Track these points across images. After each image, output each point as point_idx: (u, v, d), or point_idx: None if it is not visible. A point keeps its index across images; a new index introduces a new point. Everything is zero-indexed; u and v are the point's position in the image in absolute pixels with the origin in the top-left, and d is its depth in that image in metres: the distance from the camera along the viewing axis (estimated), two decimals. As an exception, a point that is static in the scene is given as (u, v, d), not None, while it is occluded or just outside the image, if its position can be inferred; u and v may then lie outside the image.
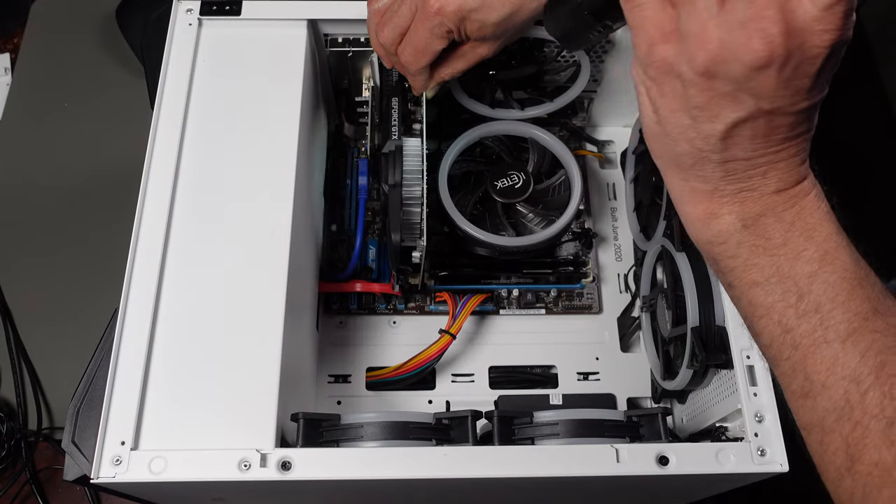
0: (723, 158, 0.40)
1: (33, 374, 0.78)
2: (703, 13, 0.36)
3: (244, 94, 0.60)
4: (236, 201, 0.56)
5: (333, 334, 0.72)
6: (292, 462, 0.48)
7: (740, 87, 0.37)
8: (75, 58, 0.95)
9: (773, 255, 0.41)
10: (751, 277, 0.42)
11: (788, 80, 0.36)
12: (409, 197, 0.61)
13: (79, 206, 0.86)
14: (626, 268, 0.75)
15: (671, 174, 0.43)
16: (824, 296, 0.40)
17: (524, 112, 0.70)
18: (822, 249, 0.40)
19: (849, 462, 0.39)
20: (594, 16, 0.45)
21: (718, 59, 0.36)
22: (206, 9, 0.63)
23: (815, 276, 0.40)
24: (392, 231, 0.60)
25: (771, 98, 0.37)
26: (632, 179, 0.73)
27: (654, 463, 0.49)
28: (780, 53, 0.35)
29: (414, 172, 0.61)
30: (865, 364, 0.38)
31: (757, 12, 0.35)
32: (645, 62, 0.39)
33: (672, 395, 0.65)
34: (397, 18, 0.56)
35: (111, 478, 0.47)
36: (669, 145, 0.41)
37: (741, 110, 0.38)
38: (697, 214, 0.43)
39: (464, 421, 0.51)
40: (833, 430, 0.39)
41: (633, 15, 0.39)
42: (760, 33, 0.35)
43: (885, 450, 0.37)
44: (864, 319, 0.39)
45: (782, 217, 0.41)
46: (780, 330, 0.41)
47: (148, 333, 0.51)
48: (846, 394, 0.38)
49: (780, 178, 0.40)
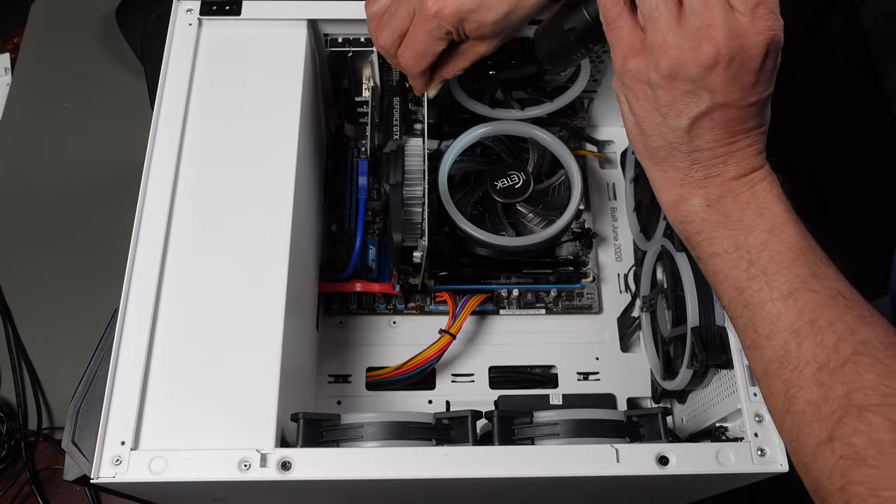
0: (689, 149, 0.48)
1: (33, 374, 0.78)
2: (663, 27, 0.45)
3: (244, 94, 0.60)
4: (236, 201, 0.56)
5: (333, 334, 0.72)
6: (292, 462, 0.48)
7: (697, 85, 0.45)
8: (75, 58, 0.95)
9: (731, 229, 0.48)
10: (713, 249, 0.49)
11: (735, 76, 0.44)
12: (411, 197, 0.61)
13: (79, 205, 0.86)
14: (626, 268, 0.75)
15: (650, 167, 0.51)
16: (770, 262, 0.46)
17: (524, 112, 0.70)
18: (771, 224, 0.47)
19: (787, 403, 0.45)
20: (579, 40, 0.54)
21: (678, 63, 0.45)
22: (206, 9, 0.63)
23: (764, 246, 0.47)
24: (393, 231, 0.60)
25: (723, 93, 0.45)
26: (632, 179, 0.73)
27: (654, 463, 0.49)
28: (724, 54, 0.44)
29: (415, 172, 0.61)
30: (802, 318, 0.45)
31: (705, 22, 0.44)
32: (620, 73, 0.48)
33: (672, 395, 0.65)
34: (395, 21, 0.57)
35: (111, 478, 0.47)
36: (647, 142, 0.50)
37: (700, 105, 0.46)
38: (672, 199, 0.50)
39: (464, 421, 0.51)
40: (776, 375, 0.45)
41: (611, 35, 0.48)
42: (708, 39, 0.44)
43: (816, 389, 0.43)
44: (803, 281, 0.45)
45: (739, 198, 0.48)
46: (734, 292, 0.48)
47: (148, 333, 0.51)
48: (786, 343, 0.45)
49: (738, 165, 0.48)
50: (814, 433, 0.43)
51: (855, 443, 0.41)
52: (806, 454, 0.44)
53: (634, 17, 0.47)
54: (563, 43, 0.55)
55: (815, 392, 0.43)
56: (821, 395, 0.43)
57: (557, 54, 0.57)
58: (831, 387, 0.42)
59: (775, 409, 0.46)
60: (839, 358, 0.43)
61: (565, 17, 0.54)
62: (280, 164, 0.58)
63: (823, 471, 0.42)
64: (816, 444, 0.43)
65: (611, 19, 0.48)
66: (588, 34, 0.53)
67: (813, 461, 0.43)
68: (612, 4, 0.48)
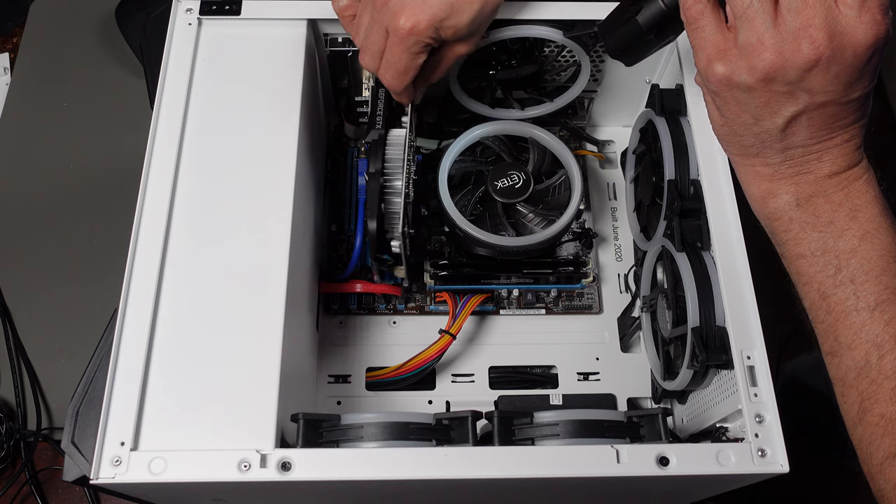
0: (783, 146, 0.46)
1: (33, 375, 0.78)
2: (759, 27, 0.42)
3: (244, 94, 0.60)
4: (236, 201, 0.56)
5: (333, 334, 0.72)
6: (292, 462, 0.48)
7: (795, 86, 0.43)
8: (75, 58, 0.95)
9: (820, 231, 0.46)
10: (798, 250, 0.47)
11: (836, 75, 0.42)
12: (390, 186, 0.61)
13: (79, 205, 0.86)
14: (626, 268, 0.75)
15: (738, 161, 0.50)
16: (859, 270, 0.45)
17: (524, 112, 0.70)
18: (864, 229, 0.45)
19: (861, 413, 0.44)
20: (657, 34, 0.51)
21: (775, 65, 0.42)
22: (205, 8, 0.63)
23: (854, 252, 0.45)
24: (368, 219, 0.60)
25: (823, 92, 0.43)
26: (632, 179, 0.73)
27: (655, 463, 0.49)
28: (826, 55, 0.41)
29: (395, 161, 0.61)
30: (888, 332, 0.44)
31: (805, 21, 0.41)
32: (705, 76, 0.46)
33: (672, 395, 0.65)
34: (371, 45, 0.57)
35: (111, 478, 0.47)
36: (737, 140, 0.48)
37: (798, 104, 0.44)
38: (759, 194, 0.49)
39: (464, 421, 0.51)
40: (852, 385, 0.45)
41: (693, 35, 0.46)
42: (808, 40, 0.41)
43: (891, 404, 0.43)
44: (893, 293, 0.44)
45: (831, 198, 0.46)
46: (818, 296, 0.47)
47: (148, 333, 0.51)
48: (867, 355, 0.44)
49: (833, 162, 0.46)
50: (884, 446, 0.43)
51: None
52: (874, 465, 0.44)
53: (718, 14, 0.45)
54: (637, 36, 0.51)
55: (890, 407, 0.43)
56: None
57: (631, 48, 0.53)
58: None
59: (848, 416, 0.46)
60: None
61: (639, 9, 0.50)
62: (280, 164, 0.58)
63: (889, 482, 0.43)
64: (885, 457, 0.43)
65: (693, 18, 0.45)
66: (666, 26, 0.50)
67: (880, 472, 0.43)
68: (695, 2, 0.45)
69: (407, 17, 0.53)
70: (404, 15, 0.53)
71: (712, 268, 0.57)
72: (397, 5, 0.53)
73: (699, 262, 0.58)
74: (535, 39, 0.67)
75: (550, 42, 0.68)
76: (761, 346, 0.53)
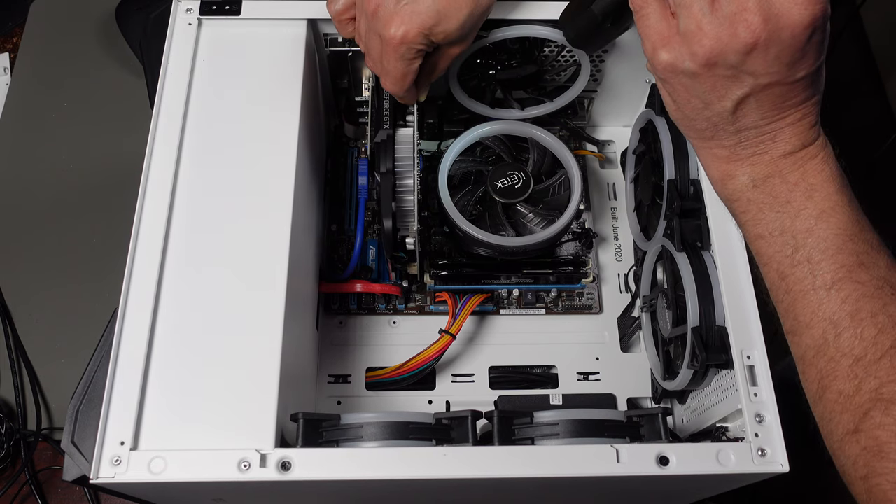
0: (736, 129, 0.47)
1: (33, 375, 0.78)
2: (697, 14, 0.43)
3: (244, 94, 0.60)
4: (236, 201, 0.56)
5: (333, 334, 0.72)
6: (292, 462, 0.48)
7: (738, 70, 0.43)
8: (75, 57, 0.95)
9: (777, 211, 0.47)
10: (757, 231, 0.48)
11: (777, 56, 0.43)
12: (401, 184, 0.61)
13: (79, 205, 0.86)
14: (626, 268, 0.75)
15: (697, 144, 0.50)
16: (816, 249, 0.45)
17: (524, 112, 0.69)
18: (820, 208, 0.45)
19: (821, 391, 0.45)
20: (614, 24, 0.52)
21: (714, 50, 0.43)
22: (205, 8, 0.63)
23: (810, 231, 0.46)
24: (383, 217, 0.60)
25: (766, 74, 0.43)
26: (632, 179, 0.73)
27: (655, 463, 0.49)
28: (763, 37, 0.42)
29: (405, 160, 0.61)
30: (843, 310, 0.44)
31: (740, 6, 0.42)
32: (652, 64, 0.47)
33: (672, 395, 0.65)
34: (371, 51, 0.57)
35: (110, 478, 0.47)
36: (691, 124, 0.48)
37: (744, 87, 0.44)
38: (718, 176, 0.49)
39: (464, 421, 0.51)
40: (811, 363, 0.46)
41: (640, 23, 0.47)
42: (744, 24, 0.42)
43: (848, 381, 0.43)
44: (848, 271, 0.44)
45: (787, 178, 0.46)
46: (777, 277, 0.47)
47: (148, 333, 0.51)
48: (824, 334, 0.45)
49: (787, 142, 0.46)
50: (842, 423, 0.43)
51: (878, 436, 0.41)
52: (834, 441, 0.45)
53: (663, 2, 0.45)
54: (594, 25, 0.53)
55: (847, 384, 0.43)
56: (853, 387, 0.43)
57: (589, 36, 0.55)
58: (864, 380, 0.43)
59: (809, 394, 0.47)
60: (877, 351, 0.43)
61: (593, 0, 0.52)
62: (280, 164, 0.58)
63: (848, 459, 0.43)
64: (843, 433, 0.43)
65: (638, 6, 0.46)
66: (622, 14, 0.51)
67: (840, 449, 0.44)
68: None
69: (397, 26, 0.53)
70: (394, 24, 0.53)
71: (712, 268, 0.57)
72: (387, 14, 0.54)
73: (699, 262, 0.58)
74: (535, 39, 0.67)
75: (550, 42, 0.68)
76: (761, 346, 0.53)
